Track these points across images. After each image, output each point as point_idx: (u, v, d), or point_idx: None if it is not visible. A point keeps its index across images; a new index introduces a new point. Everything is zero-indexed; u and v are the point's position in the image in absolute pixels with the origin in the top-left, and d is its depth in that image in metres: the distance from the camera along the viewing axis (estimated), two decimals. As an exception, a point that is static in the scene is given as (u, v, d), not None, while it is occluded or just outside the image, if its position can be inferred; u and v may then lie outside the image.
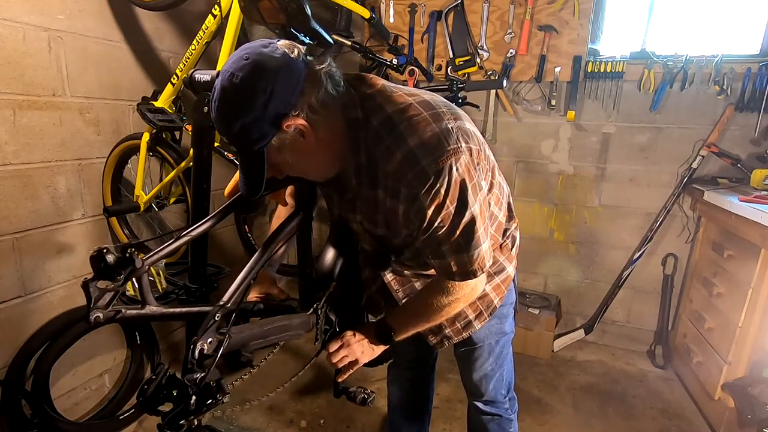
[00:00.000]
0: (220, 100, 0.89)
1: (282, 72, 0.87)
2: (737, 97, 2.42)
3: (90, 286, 0.87)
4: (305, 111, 0.90)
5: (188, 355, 0.92)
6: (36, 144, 1.81)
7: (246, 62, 0.87)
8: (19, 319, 1.83)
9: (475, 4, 2.73)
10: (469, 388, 1.52)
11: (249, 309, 1.25)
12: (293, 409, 2.30)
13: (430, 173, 0.91)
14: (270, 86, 0.86)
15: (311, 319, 1.27)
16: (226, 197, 1.31)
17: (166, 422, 0.91)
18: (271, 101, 0.86)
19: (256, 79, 0.86)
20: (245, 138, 0.90)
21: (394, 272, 1.31)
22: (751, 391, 1.94)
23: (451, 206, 0.95)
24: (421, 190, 0.93)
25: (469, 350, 1.42)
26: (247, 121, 0.88)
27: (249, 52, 0.88)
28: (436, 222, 0.97)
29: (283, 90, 0.87)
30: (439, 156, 0.91)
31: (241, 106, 0.87)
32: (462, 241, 1.00)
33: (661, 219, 2.65)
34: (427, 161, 0.91)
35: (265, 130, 0.89)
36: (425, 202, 0.94)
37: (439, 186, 0.92)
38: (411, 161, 0.93)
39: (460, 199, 0.95)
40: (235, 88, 0.87)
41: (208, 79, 1.49)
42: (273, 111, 0.87)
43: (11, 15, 1.67)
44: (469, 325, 1.32)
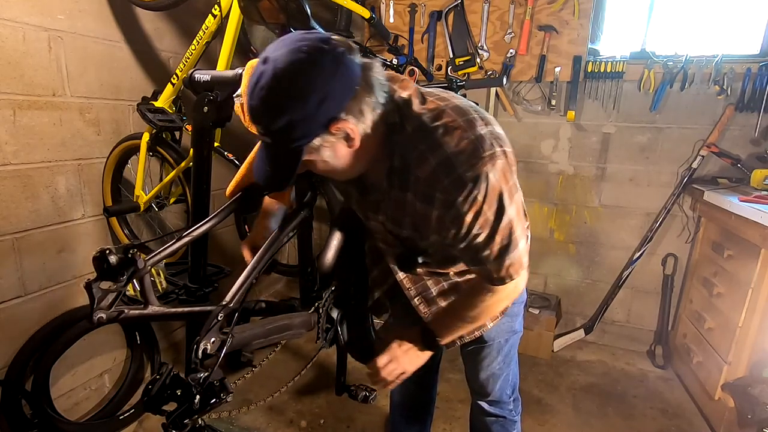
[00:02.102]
0: (268, 89, 0.83)
1: (340, 73, 0.83)
2: (737, 97, 2.43)
3: (93, 287, 0.88)
4: (355, 115, 0.87)
5: (191, 355, 0.92)
6: (36, 144, 1.81)
7: (303, 56, 0.82)
8: (19, 319, 1.83)
9: (475, 4, 2.73)
10: (475, 388, 1.51)
11: (250, 308, 1.25)
12: (293, 409, 2.30)
13: (467, 180, 0.91)
14: (327, 86, 0.82)
15: (312, 318, 1.28)
16: (226, 197, 1.31)
17: (171, 421, 0.91)
18: (326, 102, 0.83)
19: (314, 77, 0.82)
20: (287, 134, 0.85)
21: (406, 270, 1.30)
22: (751, 391, 1.95)
23: (489, 212, 0.94)
24: (458, 197, 0.92)
25: (477, 348, 1.40)
26: (295, 117, 0.83)
27: (307, 46, 0.83)
28: (474, 229, 0.96)
29: (338, 92, 0.84)
30: (475, 163, 0.90)
31: (293, 101, 0.82)
32: (501, 246, 1.00)
33: (661, 219, 2.65)
34: (464, 168, 0.90)
35: (312, 129, 0.86)
36: (463, 209, 0.93)
37: (477, 193, 0.91)
38: (447, 168, 0.92)
39: (498, 204, 0.94)
40: (289, 81, 0.82)
41: (208, 79, 1.49)
42: (325, 112, 0.84)
43: (11, 15, 1.67)
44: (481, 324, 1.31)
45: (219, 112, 1.49)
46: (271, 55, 0.83)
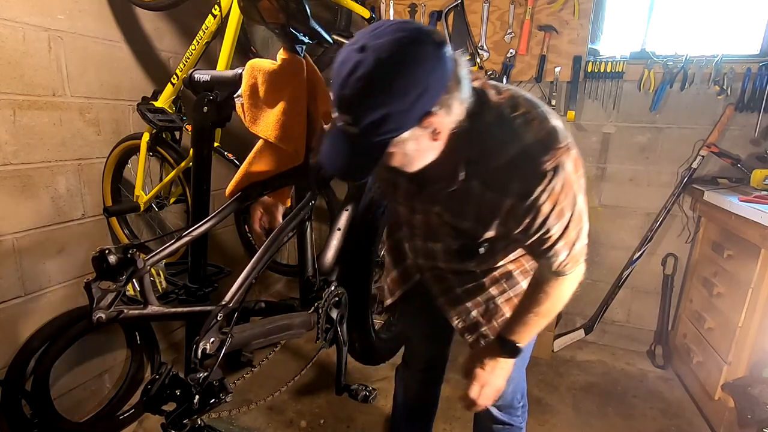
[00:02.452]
0: (368, 80, 0.78)
1: (438, 67, 0.82)
2: (737, 97, 2.43)
3: (92, 287, 0.88)
4: (445, 110, 0.86)
5: (191, 355, 0.93)
6: (36, 144, 1.81)
7: (406, 48, 0.79)
8: (19, 319, 1.83)
9: (475, 4, 2.73)
10: None
11: (250, 308, 1.25)
12: (293, 409, 2.30)
13: (547, 170, 0.92)
14: (427, 80, 0.80)
15: (312, 318, 1.28)
16: (226, 197, 1.31)
17: (170, 421, 0.91)
18: (423, 96, 0.81)
19: (418, 71, 0.79)
20: (379, 126, 0.82)
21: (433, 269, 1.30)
22: (751, 391, 1.94)
23: (565, 202, 0.96)
24: (537, 186, 0.92)
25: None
26: (392, 110, 0.80)
27: (409, 37, 0.80)
28: (550, 219, 0.97)
29: (435, 86, 0.82)
30: (554, 153, 0.92)
31: (394, 94, 0.79)
32: (574, 235, 1.02)
33: (661, 219, 2.65)
34: (544, 158, 0.91)
35: (405, 123, 0.84)
36: (541, 199, 0.93)
37: (555, 182, 0.92)
38: (526, 158, 0.92)
39: (573, 194, 0.96)
40: (393, 73, 0.79)
41: (208, 79, 1.49)
42: (421, 107, 0.82)
43: (11, 15, 1.67)
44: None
45: (219, 112, 1.48)
46: (371, 43, 0.79)
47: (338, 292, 1.38)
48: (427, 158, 0.94)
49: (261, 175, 1.29)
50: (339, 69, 0.81)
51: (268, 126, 1.22)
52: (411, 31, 0.81)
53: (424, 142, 0.89)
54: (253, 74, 1.21)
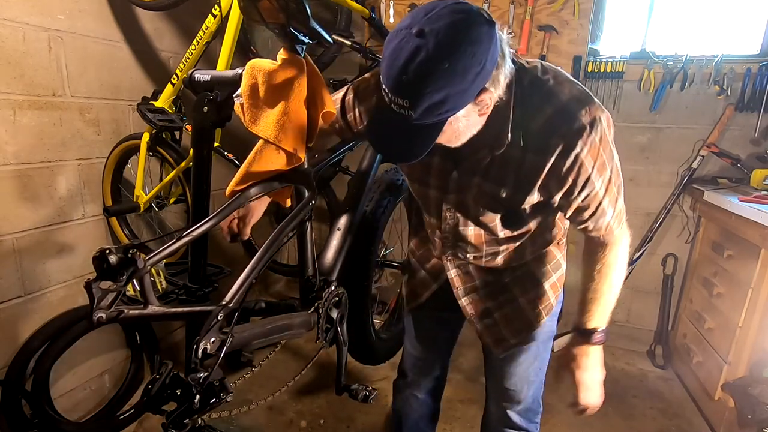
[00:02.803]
0: (431, 64, 0.77)
1: (491, 46, 0.82)
2: (737, 97, 2.43)
3: (93, 287, 0.87)
4: (495, 85, 0.87)
5: (191, 355, 0.93)
6: (36, 144, 1.81)
7: (465, 30, 0.79)
8: (19, 319, 1.83)
9: (475, 4, 2.72)
10: (503, 395, 1.40)
11: (250, 308, 1.25)
12: (293, 409, 2.30)
13: (586, 124, 0.93)
14: (484, 58, 0.81)
15: (312, 318, 1.28)
16: (226, 197, 1.30)
17: (171, 421, 0.91)
18: (480, 75, 0.82)
19: (475, 52, 0.79)
20: (438, 107, 0.82)
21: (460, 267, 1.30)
22: (751, 391, 1.95)
23: (605, 155, 0.98)
24: (578, 139, 0.94)
25: (515, 352, 1.33)
26: (453, 92, 0.80)
27: (465, 20, 0.80)
28: (593, 173, 0.98)
29: (490, 63, 0.83)
30: (590, 108, 0.94)
31: (456, 76, 0.79)
32: (616, 190, 1.04)
33: (661, 219, 2.65)
34: (581, 113, 0.94)
35: (463, 102, 0.84)
36: (582, 153, 0.95)
37: (594, 135, 0.94)
38: (565, 114, 0.94)
39: (610, 148, 0.99)
40: (453, 57, 0.78)
41: (208, 79, 1.49)
42: (477, 85, 0.83)
43: (11, 15, 1.67)
44: (527, 325, 1.30)
45: (219, 112, 1.48)
46: (428, 27, 0.78)
47: (338, 292, 1.38)
48: (473, 131, 0.96)
49: (261, 175, 1.29)
50: (395, 54, 0.80)
51: (268, 126, 1.22)
52: (466, 12, 0.81)
53: (473, 117, 0.91)
54: (253, 74, 1.21)
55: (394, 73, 0.80)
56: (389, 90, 0.83)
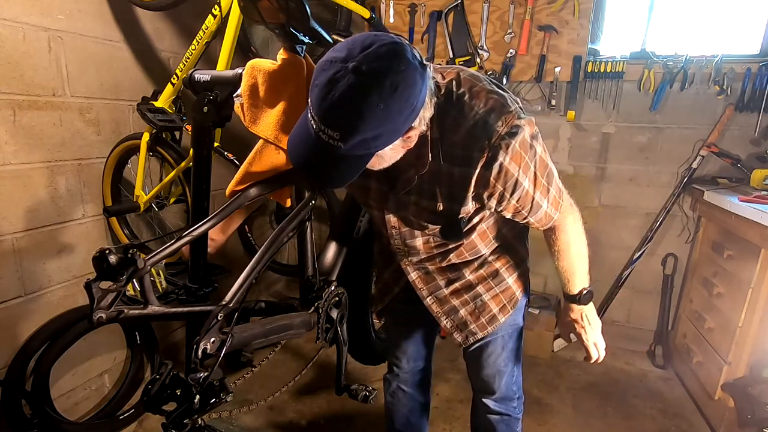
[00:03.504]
0: (364, 101, 0.78)
1: (424, 86, 0.85)
2: (737, 97, 2.43)
3: (93, 287, 0.87)
4: (421, 122, 0.90)
5: (191, 355, 0.93)
6: (36, 144, 1.81)
7: (400, 70, 0.80)
8: (19, 319, 1.83)
9: (475, 4, 2.73)
10: (479, 385, 1.50)
11: (250, 308, 1.25)
12: (293, 409, 2.30)
13: (504, 134, 0.96)
14: (415, 101, 0.83)
15: (312, 318, 1.28)
16: (226, 197, 1.31)
17: (171, 421, 0.92)
18: (411, 115, 0.85)
19: (410, 94, 0.81)
20: (368, 143, 0.83)
21: (419, 270, 1.32)
22: (751, 391, 1.95)
23: (527, 157, 1.00)
24: (499, 150, 0.96)
25: (482, 345, 1.40)
26: (385, 131, 0.83)
27: (399, 60, 0.80)
28: (519, 177, 1.01)
29: (420, 104, 0.85)
30: (507, 117, 0.96)
31: (389, 117, 0.81)
32: (544, 180, 1.07)
33: (661, 219, 2.65)
34: (499, 124, 0.96)
35: (393, 138, 0.87)
36: (506, 160, 0.97)
37: (514, 143, 0.96)
38: (483, 127, 0.96)
39: (532, 150, 1.01)
40: (389, 98, 0.79)
41: (208, 79, 1.49)
42: (408, 124, 0.86)
43: (11, 15, 1.67)
44: (493, 319, 1.33)
45: (219, 112, 1.48)
46: (365, 66, 0.78)
47: (338, 292, 1.38)
48: (396, 158, 0.98)
49: (261, 175, 1.29)
50: (330, 87, 0.79)
51: (268, 126, 1.22)
52: (403, 55, 0.81)
53: (397, 148, 0.93)
54: (253, 74, 1.21)
55: (327, 105, 0.80)
56: (320, 120, 0.81)
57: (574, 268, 1.27)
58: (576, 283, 1.29)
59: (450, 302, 1.34)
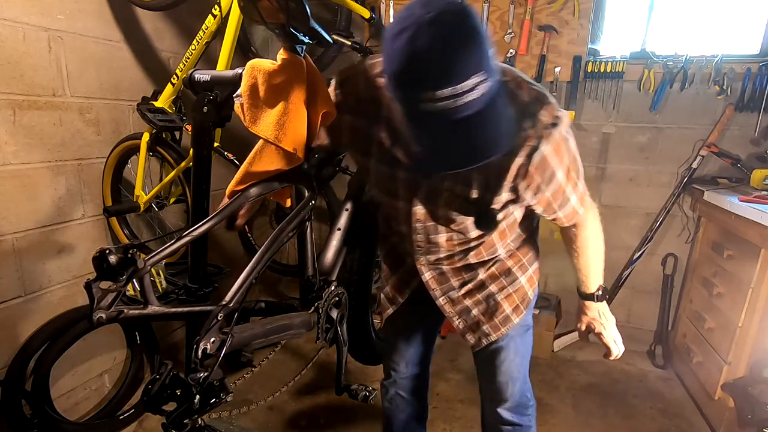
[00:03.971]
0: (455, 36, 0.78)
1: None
2: (737, 97, 2.43)
3: (93, 287, 0.87)
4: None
5: (191, 355, 0.93)
6: (36, 144, 1.81)
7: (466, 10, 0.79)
8: (19, 319, 1.83)
9: (475, 4, 2.72)
10: (491, 394, 1.44)
11: (250, 308, 1.25)
12: (293, 409, 2.30)
13: (547, 123, 0.97)
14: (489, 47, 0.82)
15: (312, 318, 1.27)
16: (226, 197, 1.30)
17: (170, 421, 0.91)
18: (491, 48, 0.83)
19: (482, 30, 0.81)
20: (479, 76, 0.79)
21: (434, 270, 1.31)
22: (751, 391, 1.95)
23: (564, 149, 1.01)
24: (542, 139, 0.97)
25: (494, 350, 1.36)
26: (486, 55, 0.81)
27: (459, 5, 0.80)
28: (555, 169, 1.02)
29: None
30: (549, 108, 0.98)
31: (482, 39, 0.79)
32: (575, 175, 1.09)
33: (661, 219, 2.65)
34: (542, 114, 0.97)
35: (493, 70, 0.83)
36: (547, 150, 0.98)
37: (555, 133, 0.98)
38: (528, 116, 0.96)
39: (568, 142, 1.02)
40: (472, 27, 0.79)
41: (208, 79, 1.49)
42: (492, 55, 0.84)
43: (11, 15, 1.67)
44: (507, 320, 1.31)
45: (219, 112, 1.48)
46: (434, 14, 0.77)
47: (338, 292, 1.38)
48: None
49: (261, 175, 1.29)
50: (419, 48, 0.77)
51: (268, 126, 1.22)
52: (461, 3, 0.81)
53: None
54: (253, 74, 1.21)
55: (426, 66, 0.78)
56: (428, 86, 0.78)
57: (593, 265, 1.28)
58: (593, 280, 1.30)
59: (463, 302, 1.32)
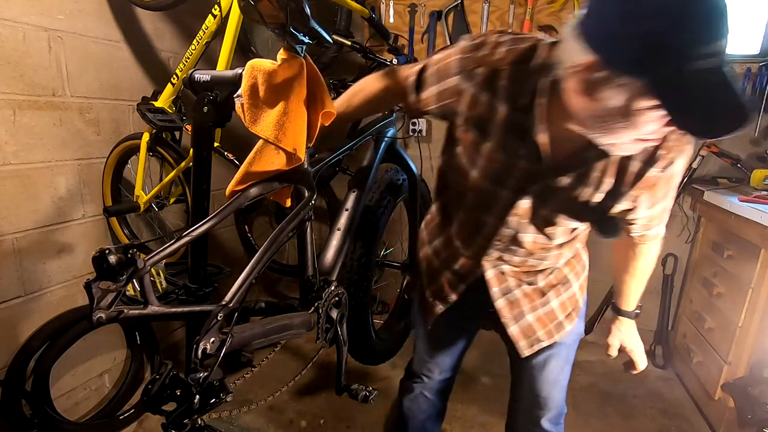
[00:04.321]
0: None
1: None
2: (737, 97, 2.42)
3: (92, 287, 0.87)
4: None
5: (191, 355, 0.93)
6: (36, 144, 1.81)
7: None
8: (19, 319, 1.83)
9: (475, 4, 2.73)
10: (533, 403, 1.37)
11: (250, 308, 1.25)
12: (293, 409, 2.30)
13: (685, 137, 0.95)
14: None
15: (312, 318, 1.28)
16: (226, 197, 1.31)
17: (170, 421, 0.92)
18: None
19: None
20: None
21: (496, 268, 1.22)
22: (751, 391, 1.95)
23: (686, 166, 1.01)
24: (681, 153, 0.96)
25: (548, 355, 1.29)
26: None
27: None
28: (676, 187, 1.03)
29: None
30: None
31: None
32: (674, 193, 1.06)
33: (661, 219, 2.65)
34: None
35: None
36: (680, 165, 0.97)
37: (689, 149, 0.97)
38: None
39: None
40: None
41: (208, 79, 1.49)
42: None
43: (11, 15, 1.67)
44: (559, 326, 1.27)
45: (219, 112, 1.48)
46: None
47: (338, 292, 1.38)
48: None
49: (261, 175, 1.29)
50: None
51: (268, 126, 1.22)
52: None
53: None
54: (253, 74, 1.21)
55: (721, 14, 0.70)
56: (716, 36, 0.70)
57: (642, 285, 1.29)
58: (635, 299, 1.33)
59: (520, 306, 1.24)
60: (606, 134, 0.84)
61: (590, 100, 0.82)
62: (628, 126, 0.80)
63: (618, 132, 0.82)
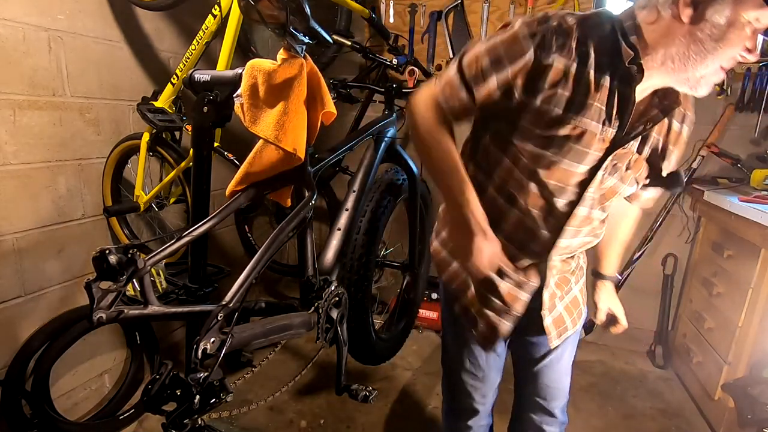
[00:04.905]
0: None
1: None
2: (737, 97, 2.43)
3: (93, 287, 0.88)
4: None
5: (191, 355, 0.93)
6: (36, 144, 1.81)
7: None
8: (19, 319, 1.83)
9: (475, 4, 2.73)
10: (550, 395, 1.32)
11: (250, 308, 1.25)
12: (293, 409, 2.30)
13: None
14: None
15: (312, 318, 1.28)
16: (226, 197, 1.31)
17: (171, 421, 0.92)
18: None
19: None
20: None
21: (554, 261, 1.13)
22: (751, 391, 1.94)
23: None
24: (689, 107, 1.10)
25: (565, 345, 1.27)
26: None
27: None
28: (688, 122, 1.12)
29: None
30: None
31: None
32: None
33: (661, 219, 2.65)
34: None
35: None
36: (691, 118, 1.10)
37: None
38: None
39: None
40: None
41: (208, 79, 1.49)
42: None
43: (11, 15, 1.67)
44: (580, 313, 1.26)
45: (219, 112, 1.49)
46: None
47: (338, 292, 1.38)
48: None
49: (261, 175, 1.30)
50: None
51: (268, 126, 1.22)
52: None
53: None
54: (253, 74, 1.21)
55: None
56: None
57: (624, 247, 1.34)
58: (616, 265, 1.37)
59: (555, 295, 1.18)
60: (696, 66, 0.89)
61: (695, 16, 0.86)
62: (724, 45, 0.86)
63: (710, 57, 0.88)
